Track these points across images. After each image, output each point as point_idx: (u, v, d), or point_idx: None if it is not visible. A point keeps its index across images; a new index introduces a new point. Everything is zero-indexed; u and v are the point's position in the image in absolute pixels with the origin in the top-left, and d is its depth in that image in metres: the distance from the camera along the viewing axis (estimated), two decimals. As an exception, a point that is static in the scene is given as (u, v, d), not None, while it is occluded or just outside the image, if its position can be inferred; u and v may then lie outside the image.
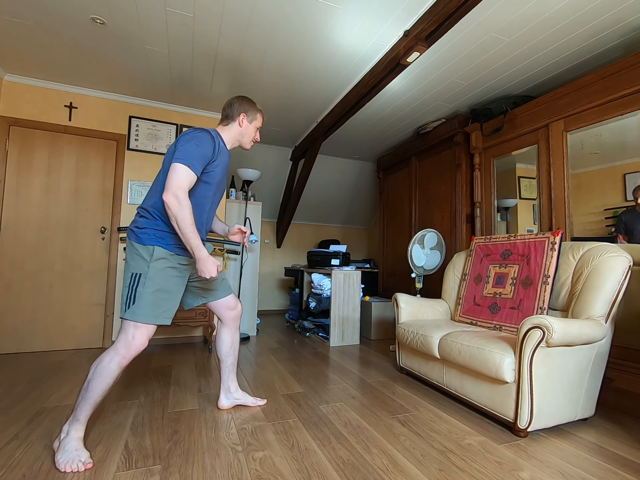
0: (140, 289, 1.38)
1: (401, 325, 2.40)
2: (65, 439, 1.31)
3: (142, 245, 1.41)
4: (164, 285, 1.43)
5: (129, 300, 1.38)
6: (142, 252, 1.41)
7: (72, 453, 1.27)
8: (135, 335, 1.38)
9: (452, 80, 2.75)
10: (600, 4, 1.91)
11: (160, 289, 1.41)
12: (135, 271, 1.40)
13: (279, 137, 4.12)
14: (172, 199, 1.32)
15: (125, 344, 1.37)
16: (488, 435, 1.59)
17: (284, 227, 5.02)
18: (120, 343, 1.37)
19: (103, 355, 1.36)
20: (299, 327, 3.92)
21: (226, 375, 1.82)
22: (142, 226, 1.43)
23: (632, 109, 2.01)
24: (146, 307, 1.38)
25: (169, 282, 1.45)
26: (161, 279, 1.42)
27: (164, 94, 3.12)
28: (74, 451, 1.28)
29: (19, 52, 2.50)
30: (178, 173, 1.35)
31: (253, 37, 2.28)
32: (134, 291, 1.38)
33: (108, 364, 1.34)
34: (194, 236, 1.36)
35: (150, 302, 1.38)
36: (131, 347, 1.37)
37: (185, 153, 1.38)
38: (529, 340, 1.55)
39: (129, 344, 1.37)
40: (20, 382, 2.13)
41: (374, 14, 2.04)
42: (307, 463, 1.34)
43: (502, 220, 2.93)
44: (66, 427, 1.34)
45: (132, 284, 1.39)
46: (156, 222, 1.44)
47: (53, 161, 2.97)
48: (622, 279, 1.67)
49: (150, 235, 1.42)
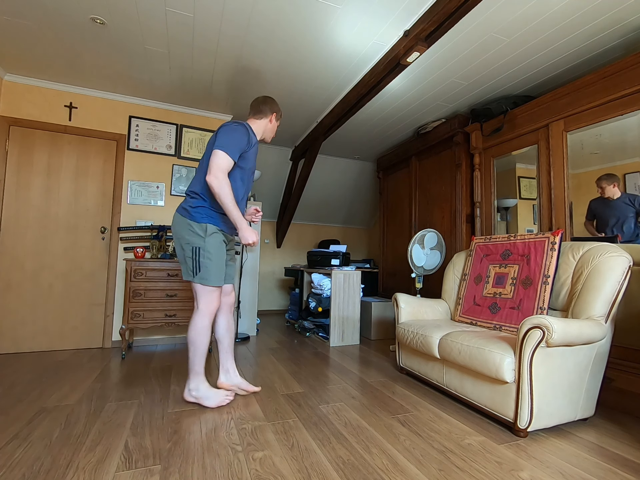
0: (202, 259, 1.72)
1: (401, 325, 2.40)
2: (199, 391, 1.77)
3: (197, 223, 1.72)
4: (218, 255, 1.76)
5: (195, 269, 1.72)
6: (197, 229, 1.72)
7: (214, 395, 1.77)
8: (211, 296, 1.75)
9: (452, 80, 2.75)
10: (600, 4, 1.91)
11: (217, 258, 1.75)
12: (195, 245, 1.71)
13: (279, 137, 4.13)
14: (214, 179, 1.61)
15: (206, 304, 1.74)
16: (488, 435, 1.59)
17: (284, 227, 5.02)
18: (202, 304, 1.74)
19: (193, 321, 1.73)
20: (299, 327, 3.92)
21: (224, 356, 1.99)
22: (194, 205, 1.73)
23: (632, 109, 2.01)
24: (212, 273, 1.73)
25: (220, 252, 1.78)
26: (215, 251, 1.75)
27: (164, 94, 3.12)
28: (214, 394, 1.78)
29: (19, 52, 2.50)
30: (218, 158, 1.64)
31: (253, 37, 2.28)
32: (197, 262, 1.71)
33: (201, 323, 1.73)
34: (235, 209, 1.66)
35: (213, 269, 1.73)
36: (211, 305, 1.75)
37: (224, 142, 1.67)
38: (529, 340, 1.55)
39: (209, 303, 1.74)
40: (20, 382, 2.13)
41: (374, 14, 2.04)
42: (307, 463, 1.34)
43: (502, 220, 2.93)
44: (193, 382, 1.77)
45: (194, 255, 1.71)
46: (205, 202, 1.74)
47: (53, 161, 2.97)
48: (622, 279, 1.67)
49: (202, 214, 1.73)
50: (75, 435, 1.51)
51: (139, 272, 2.79)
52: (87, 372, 2.36)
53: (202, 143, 3.46)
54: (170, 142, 3.34)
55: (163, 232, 3.11)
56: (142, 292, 2.79)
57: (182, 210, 1.76)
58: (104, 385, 2.11)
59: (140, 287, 2.79)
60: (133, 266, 2.78)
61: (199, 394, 1.77)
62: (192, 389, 1.78)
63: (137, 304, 2.77)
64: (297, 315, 4.24)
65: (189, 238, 1.71)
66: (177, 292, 2.90)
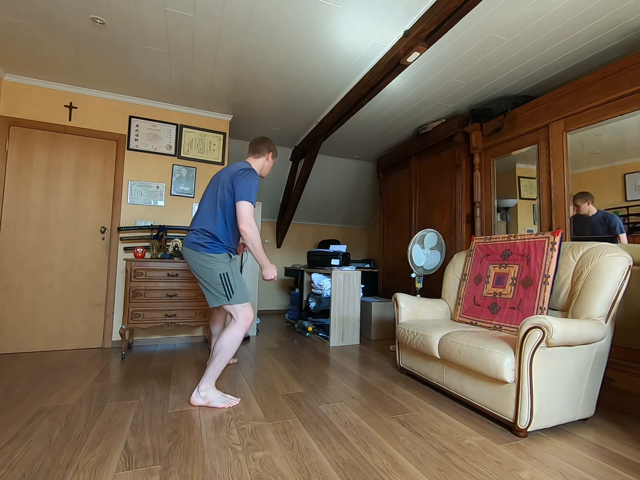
0: (232, 281, 1.89)
1: (401, 325, 2.40)
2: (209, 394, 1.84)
3: (217, 254, 1.89)
4: (240, 274, 1.96)
5: (228, 292, 1.87)
6: (220, 258, 1.90)
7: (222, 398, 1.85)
8: (247, 310, 1.89)
9: (452, 80, 2.75)
10: (600, 4, 1.91)
11: (240, 277, 1.95)
12: (222, 272, 1.88)
13: (279, 137, 4.12)
14: (248, 228, 1.83)
15: (244, 319, 1.87)
16: (488, 435, 1.59)
17: (284, 227, 5.02)
18: (242, 317, 1.87)
19: (230, 331, 1.84)
20: (299, 327, 3.92)
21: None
22: (209, 241, 1.89)
23: (632, 109, 2.01)
24: (243, 291, 1.91)
25: (239, 273, 2.07)
26: (237, 272, 1.95)
27: (164, 94, 3.12)
28: (222, 396, 1.87)
29: (19, 52, 2.50)
30: (246, 209, 1.83)
31: (253, 37, 2.28)
32: (229, 285, 1.87)
33: (237, 333, 1.85)
34: (262, 251, 1.90)
35: (242, 287, 1.92)
36: (249, 319, 1.89)
37: (246, 191, 1.85)
38: (529, 340, 1.55)
39: (247, 318, 1.88)
40: (20, 382, 2.13)
41: (374, 14, 2.04)
42: (307, 463, 1.34)
43: (502, 220, 2.93)
44: (204, 385, 1.85)
45: (224, 280, 1.87)
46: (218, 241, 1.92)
47: (53, 161, 2.97)
48: (622, 279, 1.67)
49: (219, 246, 1.91)
50: (75, 435, 1.51)
51: (139, 272, 2.79)
52: (87, 372, 2.36)
53: (202, 143, 3.46)
54: (170, 142, 3.34)
55: (163, 232, 3.11)
56: (142, 292, 2.79)
57: (197, 246, 1.89)
58: (104, 385, 2.11)
59: (140, 287, 2.79)
60: (133, 266, 2.78)
61: (209, 395, 1.84)
62: (202, 390, 1.85)
63: (137, 304, 2.77)
64: (297, 315, 4.24)
65: (214, 267, 1.87)
66: (177, 292, 2.90)
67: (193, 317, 2.96)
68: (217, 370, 1.85)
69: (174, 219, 3.33)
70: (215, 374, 1.86)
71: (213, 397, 1.84)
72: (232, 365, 2.57)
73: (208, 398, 1.83)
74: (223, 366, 1.87)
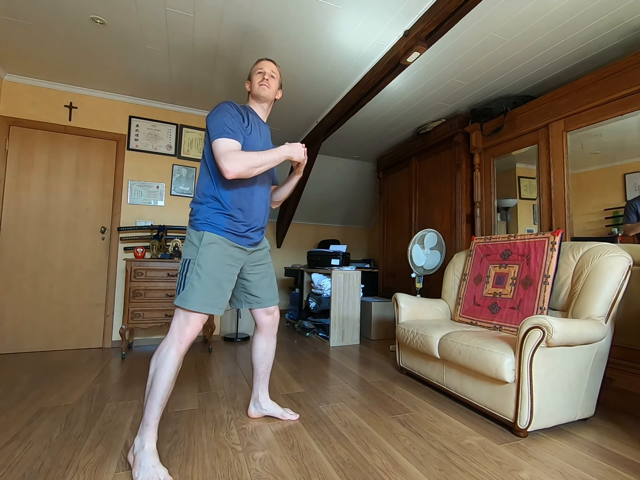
0: (189, 275, 1.35)
1: (401, 325, 2.40)
2: (140, 452, 1.24)
3: (195, 231, 1.41)
4: (213, 272, 1.37)
5: (178, 286, 1.37)
6: (193, 238, 1.40)
7: (149, 470, 1.19)
8: (189, 320, 1.34)
9: (452, 80, 2.75)
10: (600, 4, 1.91)
11: (209, 275, 1.36)
12: (186, 257, 1.39)
13: (279, 137, 4.12)
14: (229, 166, 1.30)
15: (179, 330, 1.33)
16: (488, 435, 1.59)
17: (284, 227, 5.02)
18: (175, 329, 1.34)
19: (161, 345, 1.34)
20: (299, 327, 3.92)
21: (257, 383, 1.73)
22: (194, 213, 1.44)
23: (632, 109, 2.01)
24: (195, 294, 1.34)
25: (219, 269, 1.39)
26: (210, 266, 1.36)
27: (164, 94, 3.12)
28: (151, 468, 1.20)
29: (19, 52, 2.50)
30: (218, 146, 1.33)
31: (253, 37, 2.28)
32: (183, 277, 1.37)
33: (167, 352, 1.30)
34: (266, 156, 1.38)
35: (199, 289, 1.34)
36: (185, 333, 1.33)
37: (214, 128, 1.37)
38: (529, 340, 1.55)
39: (182, 330, 1.33)
40: (20, 382, 2.13)
41: (374, 14, 2.04)
42: (307, 463, 1.34)
43: (502, 220, 2.93)
44: (138, 439, 1.27)
45: (182, 270, 1.38)
46: (202, 206, 1.43)
47: (53, 161, 2.97)
48: (622, 279, 1.67)
49: (201, 220, 1.41)
50: (75, 435, 1.51)
51: (139, 272, 2.79)
52: (87, 372, 2.36)
53: (202, 143, 3.46)
54: (170, 142, 3.34)
55: (163, 232, 3.11)
56: (142, 292, 2.79)
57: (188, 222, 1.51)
58: (104, 385, 2.11)
59: (140, 287, 2.79)
60: (133, 266, 2.78)
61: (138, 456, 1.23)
62: (134, 445, 1.27)
63: (137, 304, 2.77)
64: (297, 315, 4.24)
65: (184, 249, 1.42)
66: (177, 292, 2.90)
67: (193, 317, 2.95)
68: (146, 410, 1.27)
69: (174, 219, 3.33)
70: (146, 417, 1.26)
71: (141, 461, 1.21)
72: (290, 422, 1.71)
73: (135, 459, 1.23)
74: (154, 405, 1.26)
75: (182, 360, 1.44)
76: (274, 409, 1.72)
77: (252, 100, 1.61)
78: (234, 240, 1.45)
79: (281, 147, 1.44)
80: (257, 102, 1.59)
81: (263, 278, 1.64)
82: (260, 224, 1.55)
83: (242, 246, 1.49)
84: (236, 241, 1.46)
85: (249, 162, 1.33)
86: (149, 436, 1.26)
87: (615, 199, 2.12)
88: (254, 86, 1.56)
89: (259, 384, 1.73)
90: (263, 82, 1.54)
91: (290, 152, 1.46)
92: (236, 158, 1.31)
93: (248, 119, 1.48)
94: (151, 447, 1.25)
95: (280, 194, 1.78)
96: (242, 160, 1.32)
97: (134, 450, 1.27)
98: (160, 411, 1.29)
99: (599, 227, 2.21)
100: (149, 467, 1.20)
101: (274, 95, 1.62)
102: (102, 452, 1.38)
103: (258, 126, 1.54)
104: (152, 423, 1.27)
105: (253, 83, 1.57)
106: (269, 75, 1.56)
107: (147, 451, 1.24)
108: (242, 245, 1.49)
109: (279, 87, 1.65)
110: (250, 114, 1.51)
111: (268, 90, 1.56)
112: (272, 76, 1.58)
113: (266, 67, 1.58)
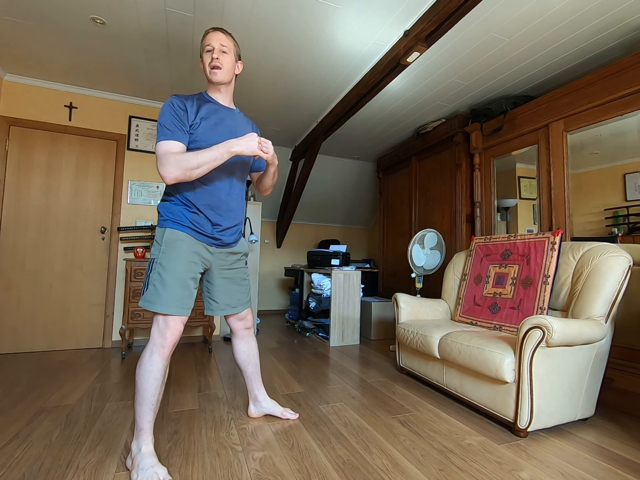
0: (151, 275, 1.30)
1: (401, 325, 2.40)
2: (137, 455, 1.23)
3: (159, 228, 1.36)
4: (176, 271, 1.30)
5: (143, 286, 1.31)
6: (157, 236, 1.35)
7: (148, 471, 1.18)
8: (168, 323, 1.29)
9: (452, 80, 2.75)
10: (600, 4, 1.91)
11: (172, 275, 1.29)
12: (151, 256, 1.34)
13: (279, 137, 4.12)
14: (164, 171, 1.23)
15: (160, 335, 1.29)
16: (488, 435, 1.59)
17: (284, 227, 5.02)
18: (155, 334, 1.30)
19: (144, 351, 1.31)
20: (299, 327, 3.92)
21: (250, 384, 1.73)
22: (158, 211, 1.39)
23: (632, 109, 2.01)
24: (158, 295, 1.28)
25: (184, 268, 1.32)
26: (173, 265, 1.30)
27: (164, 94, 3.12)
28: (150, 468, 1.18)
29: (19, 52, 2.50)
30: (156, 150, 1.27)
31: (253, 37, 2.28)
32: (147, 277, 1.32)
33: (150, 357, 1.28)
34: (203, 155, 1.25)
35: (161, 290, 1.28)
36: (166, 337, 1.29)
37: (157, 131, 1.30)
38: (529, 340, 1.55)
39: (163, 334, 1.29)
40: (20, 382, 2.13)
41: (374, 14, 2.04)
42: (307, 463, 1.34)
43: (502, 220, 2.93)
44: (134, 443, 1.27)
45: (147, 269, 1.33)
46: (165, 203, 1.39)
47: (53, 161, 2.97)
48: (622, 279, 1.67)
49: (164, 216, 1.36)
50: (75, 435, 1.51)
51: (139, 272, 2.79)
52: (87, 372, 2.36)
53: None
54: (170, 142, 3.33)
55: (163, 232, 3.11)
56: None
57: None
58: (104, 385, 2.11)
59: (140, 287, 2.79)
60: (133, 266, 2.78)
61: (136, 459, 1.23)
62: (132, 449, 1.28)
63: (137, 303, 2.77)
64: (297, 315, 4.24)
65: (151, 250, 1.37)
66: (177, 292, 2.90)
67: (193, 317, 2.96)
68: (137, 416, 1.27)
69: (174, 219, 3.33)
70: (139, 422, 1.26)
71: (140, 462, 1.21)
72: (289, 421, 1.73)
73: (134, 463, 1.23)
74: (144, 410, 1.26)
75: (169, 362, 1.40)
76: (274, 407, 1.73)
77: (209, 84, 1.47)
78: (199, 239, 1.39)
79: (225, 142, 1.29)
80: (214, 86, 1.46)
81: (231, 284, 1.57)
82: (230, 224, 1.46)
83: (207, 245, 1.42)
84: (201, 239, 1.40)
85: (183, 164, 1.23)
86: (144, 439, 1.26)
87: (615, 199, 2.12)
88: (206, 70, 1.42)
89: (252, 384, 1.73)
90: (214, 64, 1.38)
91: (237, 146, 1.28)
92: (169, 161, 1.23)
93: (197, 110, 1.36)
94: (148, 449, 1.25)
95: (264, 184, 1.67)
96: (174, 163, 1.23)
97: (132, 455, 1.27)
98: (153, 415, 1.28)
99: (599, 227, 2.21)
100: (148, 467, 1.19)
101: (230, 76, 1.44)
102: (102, 452, 1.38)
103: (216, 113, 1.41)
104: (146, 427, 1.27)
105: (204, 65, 1.42)
106: (219, 51, 1.39)
107: (144, 453, 1.24)
108: (207, 244, 1.42)
109: (236, 59, 1.47)
110: (202, 104, 1.39)
111: (220, 74, 1.40)
112: (223, 51, 1.40)
113: (214, 42, 1.39)
